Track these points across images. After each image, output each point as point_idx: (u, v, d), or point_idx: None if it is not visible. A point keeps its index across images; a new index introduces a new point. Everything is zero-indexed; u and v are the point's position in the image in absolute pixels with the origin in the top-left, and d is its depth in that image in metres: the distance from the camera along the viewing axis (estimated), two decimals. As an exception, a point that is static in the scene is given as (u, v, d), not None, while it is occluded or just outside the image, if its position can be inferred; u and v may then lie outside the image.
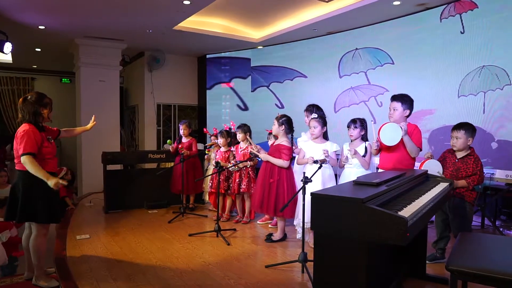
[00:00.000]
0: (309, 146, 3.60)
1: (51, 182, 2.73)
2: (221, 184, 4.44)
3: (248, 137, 4.42)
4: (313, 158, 3.42)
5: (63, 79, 9.87)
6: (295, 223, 3.75)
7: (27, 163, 2.74)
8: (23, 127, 2.84)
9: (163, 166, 6.28)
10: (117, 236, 4.00)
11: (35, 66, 9.27)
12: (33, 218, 2.86)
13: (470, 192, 3.11)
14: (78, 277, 2.91)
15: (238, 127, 4.54)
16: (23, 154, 2.74)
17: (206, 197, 5.44)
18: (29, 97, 2.91)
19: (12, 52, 5.61)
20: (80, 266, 3.13)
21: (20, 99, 2.94)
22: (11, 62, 5.85)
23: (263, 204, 3.73)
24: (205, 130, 5.89)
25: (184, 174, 4.92)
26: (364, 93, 6.06)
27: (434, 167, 3.17)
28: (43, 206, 2.83)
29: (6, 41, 5.43)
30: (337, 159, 3.61)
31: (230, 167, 4.48)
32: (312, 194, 1.89)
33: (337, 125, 6.01)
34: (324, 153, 3.36)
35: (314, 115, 3.57)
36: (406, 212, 1.82)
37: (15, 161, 2.85)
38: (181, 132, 5.21)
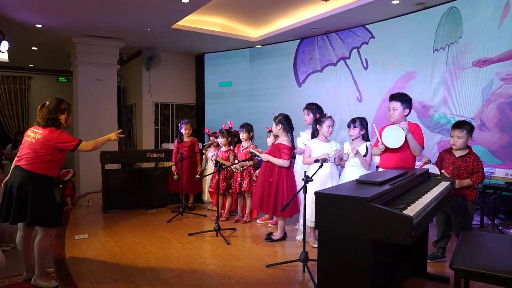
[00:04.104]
0: (316, 145, 3.57)
1: (113, 136, 3.15)
2: (220, 184, 4.42)
3: (251, 149, 4.25)
4: (328, 154, 3.39)
5: (59, 78, 9.78)
6: (300, 223, 3.72)
7: (88, 147, 2.93)
8: (53, 131, 2.82)
9: (161, 165, 6.25)
10: (116, 236, 3.98)
11: (31, 65, 9.19)
12: (44, 222, 2.81)
13: (471, 190, 3.12)
14: (78, 277, 2.88)
15: (241, 127, 4.51)
16: (76, 146, 2.86)
17: (205, 197, 5.43)
18: (47, 103, 2.88)
19: (9, 50, 5.55)
20: (80, 267, 3.11)
21: (39, 106, 2.92)
22: (7, 60, 5.77)
23: (263, 203, 3.71)
24: (206, 130, 5.88)
25: (183, 173, 4.90)
26: (362, 92, 6.05)
27: None
28: (54, 209, 2.82)
29: (3, 40, 5.39)
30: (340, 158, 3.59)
31: (229, 166, 4.46)
32: (316, 193, 1.88)
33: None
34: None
35: (329, 114, 3.56)
36: (411, 211, 1.81)
37: (22, 162, 2.78)
38: (183, 131, 5.19)
